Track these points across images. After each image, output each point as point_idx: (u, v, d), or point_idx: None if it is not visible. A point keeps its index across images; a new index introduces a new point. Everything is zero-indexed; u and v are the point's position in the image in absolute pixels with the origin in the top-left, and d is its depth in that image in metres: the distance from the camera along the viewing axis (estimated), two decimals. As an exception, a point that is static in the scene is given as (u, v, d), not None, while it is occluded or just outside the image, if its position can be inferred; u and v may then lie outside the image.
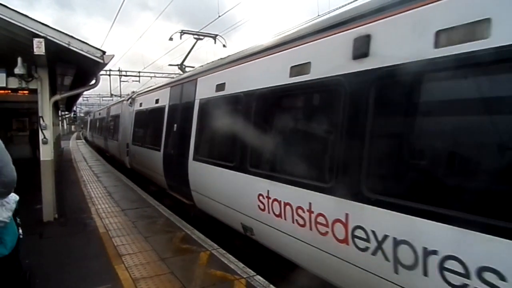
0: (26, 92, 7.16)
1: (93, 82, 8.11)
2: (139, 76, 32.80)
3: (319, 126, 4.36)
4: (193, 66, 12.31)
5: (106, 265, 5.17)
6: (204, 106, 7.39)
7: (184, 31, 12.71)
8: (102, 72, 9.21)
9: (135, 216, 7.81)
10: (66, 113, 36.57)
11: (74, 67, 7.72)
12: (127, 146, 13.85)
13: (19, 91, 7.10)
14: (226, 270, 4.97)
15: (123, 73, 32.83)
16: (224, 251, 5.70)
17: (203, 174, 7.01)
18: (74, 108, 38.57)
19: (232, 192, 5.95)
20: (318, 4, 12.81)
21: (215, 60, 7.96)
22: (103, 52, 6.46)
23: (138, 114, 13.15)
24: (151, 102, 11.41)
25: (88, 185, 11.68)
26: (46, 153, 7.33)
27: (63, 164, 17.39)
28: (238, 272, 4.92)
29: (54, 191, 7.61)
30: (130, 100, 14.63)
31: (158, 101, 10.79)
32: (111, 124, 19.11)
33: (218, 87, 6.76)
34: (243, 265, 5.17)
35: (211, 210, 6.93)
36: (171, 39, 13.28)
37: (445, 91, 3.13)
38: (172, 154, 8.90)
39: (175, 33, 12.58)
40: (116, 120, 17.59)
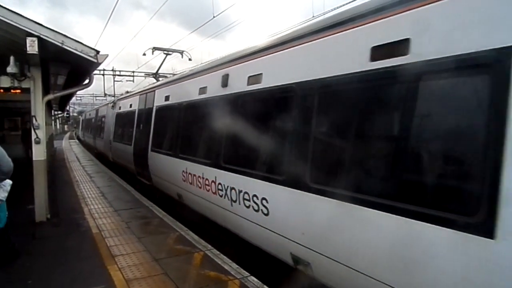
0: (19, 91, 7.10)
1: (86, 81, 8.07)
2: (133, 76, 32.64)
3: (205, 124, 7.07)
4: (166, 76, 16.70)
5: (99, 266, 5.14)
6: (158, 111, 10.08)
7: (155, 48, 16.09)
8: (95, 71, 9.17)
9: (129, 216, 7.78)
10: (59, 112, 36.31)
11: (68, 67, 7.66)
12: (110, 142, 16.31)
13: (12, 90, 7.03)
14: (220, 271, 4.97)
15: (117, 72, 32.64)
16: (218, 252, 5.70)
17: (156, 161, 9.69)
18: (68, 107, 38.34)
19: (170, 171, 8.55)
20: (312, 4, 12.84)
21: (169, 77, 11.98)
22: (97, 51, 6.42)
23: (118, 116, 15.45)
24: (127, 106, 13.76)
25: (81, 185, 11.60)
26: (38, 153, 7.27)
27: (56, 164, 17.26)
28: (232, 273, 4.92)
29: (46, 191, 7.56)
30: (112, 104, 17.06)
31: (131, 105, 13.15)
32: (99, 124, 21.36)
33: (166, 98, 9.53)
34: (237, 265, 5.17)
35: (162, 187, 9.53)
36: (144, 54, 17.59)
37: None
38: (139, 147, 11.35)
39: (148, 49, 16.61)
40: (102, 120, 19.92)
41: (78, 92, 20.21)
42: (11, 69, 6.47)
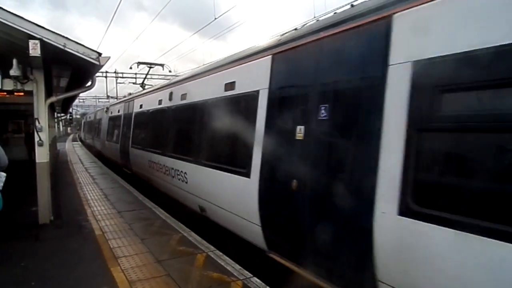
0: (22, 94, 7.12)
1: (89, 84, 8.09)
2: (136, 77, 32.71)
3: (160, 126, 10.13)
4: (151, 84, 19.33)
5: (102, 267, 5.15)
6: (136, 116, 13.15)
7: (139, 62, 18.97)
8: (98, 73, 9.19)
9: (132, 218, 7.79)
10: (62, 115, 36.41)
11: (70, 69, 7.68)
12: (104, 142, 19.40)
13: (15, 93, 7.06)
14: (222, 272, 4.96)
15: (120, 74, 32.73)
16: (220, 253, 5.70)
17: (135, 154, 12.44)
18: (70, 109, 38.45)
19: (143, 162, 11.24)
20: (314, 4, 12.82)
21: (146, 88, 15.11)
22: (99, 53, 6.44)
23: (109, 119, 18.53)
24: (116, 112, 17.17)
25: (84, 187, 11.63)
26: (41, 155, 7.29)
27: (59, 166, 17.31)
28: (235, 274, 4.92)
29: (50, 193, 7.58)
30: (106, 109, 20.50)
31: (119, 111, 16.37)
32: (96, 126, 24.59)
33: (141, 106, 12.65)
34: (240, 267, 5.17)
35: (140, 175, 12.20)
36: (131, 68, 20.84)
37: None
38: (123, 145, 14.27)
39: (134, 63, 19.48)
40: (99, 123, 22.96)
41: (81, 94, 20.56)
42: (14, 72, 6.49)
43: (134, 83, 28.57)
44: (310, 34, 4.56)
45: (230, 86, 6.31)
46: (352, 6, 4.34)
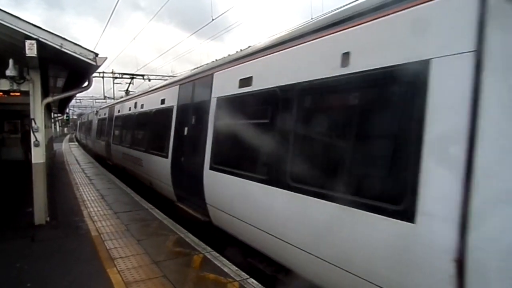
0: (18, 94, 7.10)
1: (85, 84, 8.06)
2: (132, 78, 32.64)
3: (131, 127, 13.29)
4: (134, 91, 22.47)
5: (98, 268, 5.13)
6: (116, 119, 16.21)
7: (122, 74, 26.41)
8: (95, 74, 9.18)
9: (128, 219, 7.77)
10: (59, 115, 36.31)
11: (67, 69, 7.68)
12: (94, 140, 22.91)
13: (11, 93, 7.03)
14: (219, 273, 4.96)
15: (117, 75, 32.63)
16: (217, 254, 5.69)
17: (114, 149, 15.43)
18: (67, 110, 38.32)
19: (120, 155, 14.03)
20: (311, 5, 12.86)
21: (124, 96, 19.35)
22: (96, 54, 6.43)
23: (98, 121, 21.70)
24: (102, 114, 20.26)
25: (80, 188, 11.59)
26: (38, 155, 7.26)
27: (56, 166, 17.24)
28: (231, 275, 4.91)
29: (46, 194, 7.55)
30: (96, 111, 24.05)
31: (105, 114, 19.41)
32: (89, 127, 28.01)
33: (119, 111, 15.77)
34: (236, 268, 5.16)
35: (118, 165, 14.99)
36: (116, 78, 26.92)
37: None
38: (106, 141, 17.47)
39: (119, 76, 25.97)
40: (91, 124, 26.24)
41: (78, 94, 20.76)
42: (10, 72, 6.48)
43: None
44: (183, 79, 8.61)
45: (162, 101, 9.64)
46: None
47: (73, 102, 39.69)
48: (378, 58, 3.34)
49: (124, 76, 32.34)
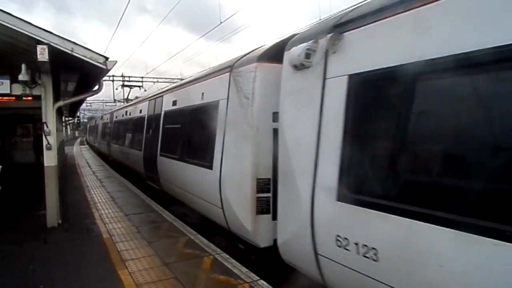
0: (30, 98, 7.21)
1: (96, 88, 8.15)
2: (142, 81, 32.93)
3: (118, 129, 18.25)
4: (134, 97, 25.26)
5: (109, 270, 5.17)
6: (114, 123, 19.49)
7: (123, 85, 31.60)
8: (105, 77, 9.27)
9: (139, 221, 7.82)
10: (70, 118, 36.75)
11: (77, 73, 7.76)
12: (99, 141, 26.61)
13: (23, 98, 7.14)
14: (229, 275, 4.96)
15: (126, 78, 32.96)
16: (227, 256, 5.69)
17: (113, 147, 18.46)
18: (78, 113, 38.79)
19: (116, 151, 17.89)
20: (319, 6, 12.80)
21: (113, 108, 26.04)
22: (106, 58, 6.49)
23: (102, 124, 25.68)
24: (105, 119, 24.28)
25: (91, 190, 11.72)
26: (50, 159, 7.36)
27: (67, 169, 17.46)
28: (242, 276, 4.91)
29: (58, 197, 7.64)
30: (101, 116, 28.25)
31: (107, 119, 23.30)
32: (95, 129, 31.56)
33: (116, 116, 19.29)
34: (247, 269, 5.16)
35: (114, 159, 18.88)
36: (117, 89, 32.94)
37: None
38: (107, 141, 21.15)
39: (118, 86, 31.70)
40: (97, 127, 29.84)
41: (88, 98, 21.42)
42: (23, 76, 6.56)
43: (141, 87, 31.75)
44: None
45: (140, 111, 13.24)
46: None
47: (83, 105, 40.18)
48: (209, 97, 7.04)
49: (132, 79, 32.67)
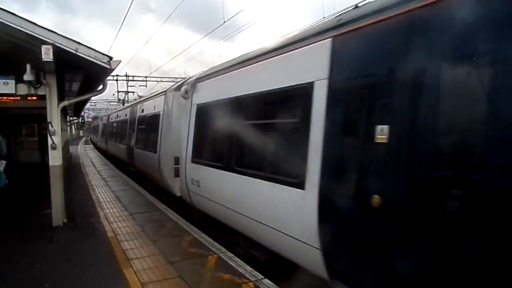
0: (35, 98, 7.24)
1: (100, 87, 8.18)
2: (146, 80, 33.00)
3: (111, 130, 22.92)
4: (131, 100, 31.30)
5: (115, 269, 5.19)
6: (109, 123, 23.93)
7: (119, 91, 39.68)
8: (109, 77, 9.30)
9: (144, 220, 7.85)
10: (75, 118, 36.94)
11: (82, 73, 7.79)
12: (100, 139, 30.18)
13: (28, 97, 7.18)
14: (234, 274, 4.96)
15: (130, 78, 33.05)
16: (231, 255, 5.70)
17: (109, 143, 22.63)
18: (82, 113, 38.95)
19: (111, 146, 21.87)
20: (323, 4, 12.79)
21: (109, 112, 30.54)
22: (110, 57, 6.50)
23: (102, 124, 28.71)
24: (104, 120, 27.63)
25: (96, 189, 11.77)
26: (55, 158, 7.39)
27: (72, 169, 17.55)
28: (246, 275, 4.91)
29: (63, 196, 7.68)
30: (101, 118, 30.90)
31: (105, 120, 26.80)
32: (97, 129, 35.28)
33: (110, 118, 23.92)
34: (251, 268, 5.16)
35: (111, 154, 21.87)
36: (114, 95, 40.30)
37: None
38: (104, 138, 25.71)
39: (120, 92, 39.61)
40: (98, 126, 33.25)
41: (92, 97, 21.73)
42: (28, 77, 6.60)
43: (145, 86, 32.59)
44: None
45: (126, 115, 16.72)
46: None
47: (88, 105, 40.37)
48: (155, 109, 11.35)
49: (135, 79, 32.74)
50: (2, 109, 9.97)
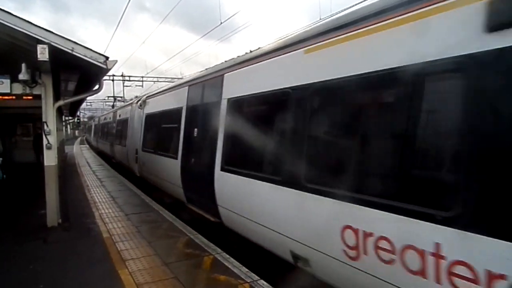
0: (30, 97, 7.20)
1: (96, 87, 8.15)
2: (142, 81, 32.94)
3: (106, 130, 24.56)
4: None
5: (110, 270, 5.17)
6: (101, 124, 27.60)
7: (112, 96, 40.23)
8: (105, 77, 9.27)
9: (139, 221, 7.82)
10: (70, 118, 36.78)
11: (78, 73, 7.75)
12: (94, 139, 32.16)
13: (23, 97, 7.14)
14: (229, 275, 4.95)
15: (126, 78, 32.98)
16: (227, 256, 5.69)
17: (100, 143, 26.57)
18: (78, 113, 38.82)
19: (102, 144, 25.03)
20: (319, 5, 12.82)
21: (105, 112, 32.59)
22: (106, 57, 6.48)
23: (95, 125, 32.96)
24: (97, 121, 31.42)
25: (91, 190, 11.71)
26: (50, 158, 7.35)
27: (67, 169, 17.46)
28: (242, 276, 4.91)
29: (58, 196, 7.64)
30: (98, 118, 32.61)
31: (97, 121, 30.97)
32: (92, 129, 37.61)
33: (100, 120, 29.53)
34: (247, 269, 5.15)
35: (100, 150, 26.73)
36: (105, 98, 42.79)
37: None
38: (96, 138, 30.48)
39: (109, 97, 41.18)
40: (92, 128, 36.50)
41: (88, 97, 22.31)
42: (23, 76, 6.56)
43: (141, 86, 32.85)
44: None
45: (115, 116, 19.69)
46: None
47: (83, 105, 40.26)
48: (125, 114, 16.46)
49: (132, 79, 32.67)
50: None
